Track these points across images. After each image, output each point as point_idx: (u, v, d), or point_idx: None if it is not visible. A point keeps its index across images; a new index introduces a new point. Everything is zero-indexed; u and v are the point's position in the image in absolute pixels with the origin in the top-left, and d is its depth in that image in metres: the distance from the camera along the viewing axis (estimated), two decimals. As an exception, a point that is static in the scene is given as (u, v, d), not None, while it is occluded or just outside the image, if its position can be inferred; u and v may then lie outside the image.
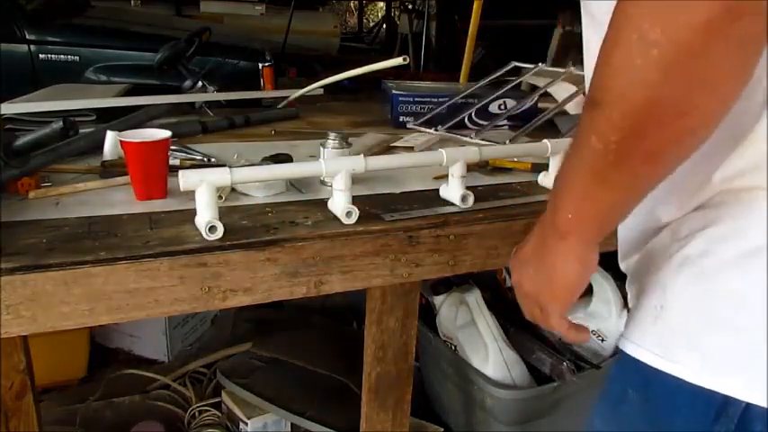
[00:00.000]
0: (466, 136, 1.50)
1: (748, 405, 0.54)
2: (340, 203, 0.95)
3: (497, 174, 1.25)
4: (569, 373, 1.38)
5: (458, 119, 1.58)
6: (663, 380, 0.58)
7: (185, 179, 0.86)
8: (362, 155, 0.96)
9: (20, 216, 0.93)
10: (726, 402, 0.54)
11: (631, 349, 0.63)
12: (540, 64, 1.74)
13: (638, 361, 0.61)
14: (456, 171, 1.03)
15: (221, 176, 0.88)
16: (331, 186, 0.96)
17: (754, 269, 0.54)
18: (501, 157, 1.26)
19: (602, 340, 1.49)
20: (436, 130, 1.54)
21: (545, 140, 1.12)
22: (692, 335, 0.57)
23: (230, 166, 0.90)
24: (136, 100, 1.57)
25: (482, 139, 1.46)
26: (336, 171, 0.94)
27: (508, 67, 1.80)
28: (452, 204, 1.05)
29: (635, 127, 0.50)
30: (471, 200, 1.04)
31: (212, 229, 0.86)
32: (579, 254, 0.63)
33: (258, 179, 1.00)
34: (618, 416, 0.67)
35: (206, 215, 0.87)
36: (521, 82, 1.78)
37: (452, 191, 1.04)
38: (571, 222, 0.60)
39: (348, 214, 0.94)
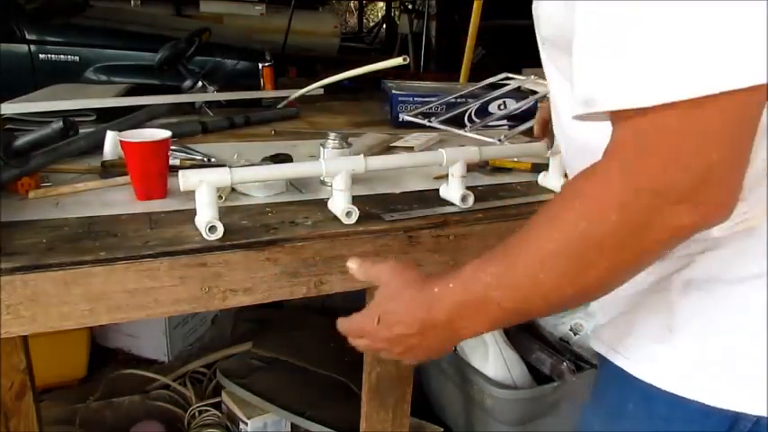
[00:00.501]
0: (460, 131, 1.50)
1: (759, 418, 0.55)
2: (340, 203, 0.95)
3: (497, 174, 1.25)
4: (569, 373, 1.38)
5: (454, 112, 1.59)
6: (669, 398, 0.59)
7: (185, 179, 0.85)
8: (362, 155, 0.96)
9: (20, 216, 0.93)
10: (737, 417, 0.56)
11: (634, 369, 0.62)
12: (532, 76, 1.76)
13: (638, 379, 0.62)
14: (456, 171, 1.03)
15: (221, 176, 0.88)
16: (331, 186, 0.96)
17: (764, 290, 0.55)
18: (501, 156, 1.26)
19: (602, 340, 1.49)
20: (429, 122, 1.54)
21: (545, 140, 1.12)
22: (709, 359, 0.58)
23: (230, 166, 0.90)
24: (136, 100, 1.57)
25: (477, 135, 1.46)
26: (336, 171, 0.94)
27: (500, 77, 1.80)
28: (452, 204, 1.05)
29: (573, 300, 0.57)
30: (471, 200, 1.04)
31: (212, 229, 0.86)
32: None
33: (258, 179, 1.00)
34: (618, 426, 0.67)
35: (206, 215, 0.86)
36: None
37: (452, 191, 1.04)
38: (480, 333, 0.62)
39: (348, 214, 0.94)
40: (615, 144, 0.50)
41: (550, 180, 1.15)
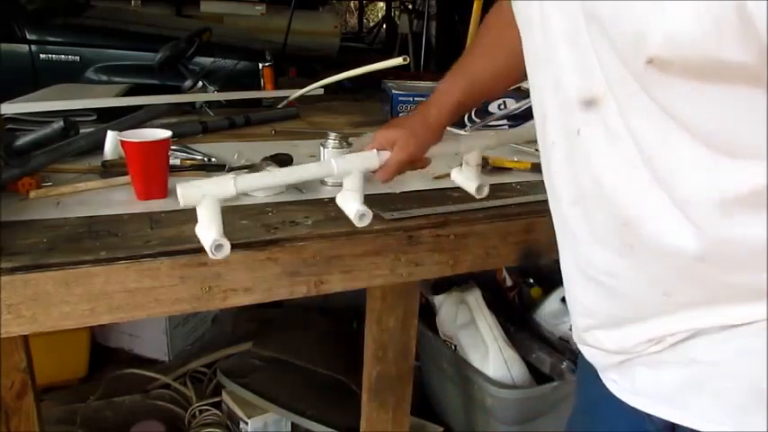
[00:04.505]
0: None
1: None
2: (353, 205, 0.86)
3: (497, 173, 1.25)
4: (569, 372, 1.38)
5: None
6: None
7: (185, 195, 0.73)
8: (375, 150, 0.88)
9: (20, 216, 0.93)
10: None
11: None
12: None
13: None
14: (472, 160, 0.98)
15: (224, 188, 0.75)
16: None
17: None
18: (517, 140, 1.25)
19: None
20: None
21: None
22: None
23: (233, 174, 0.80)
24: (136, 100, 1.57)
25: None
26: (349, 171, 0.86)
27: None
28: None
29: None
30: (486, 190, 0.97)
31: (218, 248, 0.75)
32: None
33: (264, 186, 0.95)
34: None
35: (211, 233, 0.75)
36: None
37: (469, 181, 0.99)
38: None
39: (361, 217, 0.86)
40: None
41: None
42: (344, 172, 0.86)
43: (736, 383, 0.54)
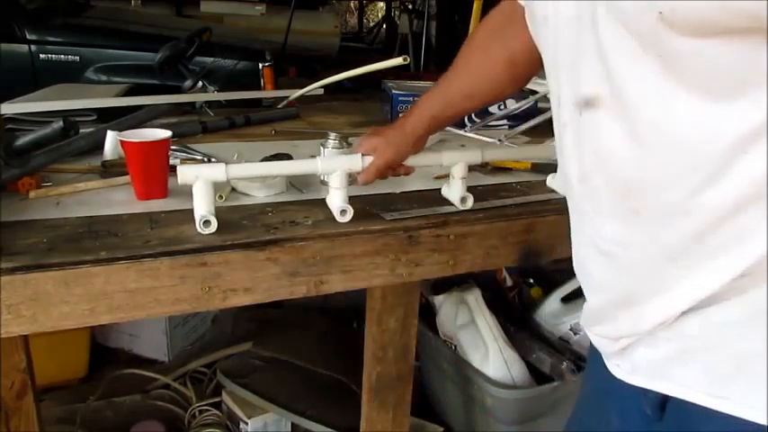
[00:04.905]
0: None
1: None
2: (335, 201, 0.95)
3: (497, 174, 1.25)
4: (569, 372, 1.38)
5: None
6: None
7: (182, 174, 0.88)
8: (360, 153, 0.96)
9: (20, 216, 0.93)
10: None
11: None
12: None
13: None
14: (457, 172, 1.02)
15: (217, 172, 0.89)
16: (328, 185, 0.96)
17: None
18: (502, 159, 1.26)
19: (602, 340, 1.49)
20: None
21: (548, 142, 1.12)
22: None
23: (226, 163, 0.91)
24: (136, 100, 1.57)
25: (477, 135, 1.46)
26: (332, 169, 0.95)
27: None
28: (452, 204, 1.05)
29: None
30: (470, 202, 1.04)
31: (206, 223, 0.87)
32: None
33: (253, 175, 1.01)
34: None
35: (201, 210, 0.88)
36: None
37: (453, 192, 1.04)
38: None
39: (342, 212, 0.94)
40: None
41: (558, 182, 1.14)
42: (329, 170, 0.96)
43: (716, 354, 0.57)
